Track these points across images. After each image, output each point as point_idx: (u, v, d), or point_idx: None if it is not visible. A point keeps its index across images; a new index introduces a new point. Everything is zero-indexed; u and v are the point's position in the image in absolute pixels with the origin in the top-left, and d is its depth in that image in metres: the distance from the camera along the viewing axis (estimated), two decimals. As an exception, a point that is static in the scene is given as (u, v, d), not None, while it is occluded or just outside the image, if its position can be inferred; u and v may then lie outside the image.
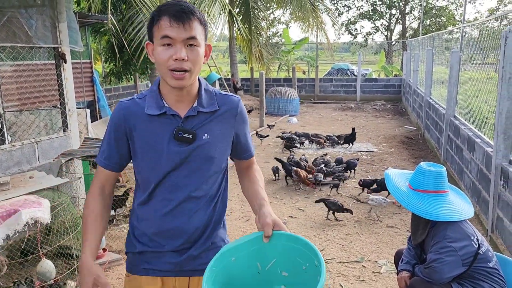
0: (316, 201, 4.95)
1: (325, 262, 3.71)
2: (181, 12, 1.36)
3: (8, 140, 4.00)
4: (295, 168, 5.80)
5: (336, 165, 6.22)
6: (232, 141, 1.58)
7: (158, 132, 1.46)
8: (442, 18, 25.83)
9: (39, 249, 2.95)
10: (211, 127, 1.50)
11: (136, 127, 1.46)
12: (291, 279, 1.36)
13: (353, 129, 8.19)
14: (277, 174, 6.16)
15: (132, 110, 1.47)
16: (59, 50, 4.36)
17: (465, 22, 11.62)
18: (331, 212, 4.68)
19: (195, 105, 1.48)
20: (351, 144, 8.20)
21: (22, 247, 3.09)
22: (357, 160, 6.35)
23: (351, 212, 4.63)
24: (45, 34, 4.30)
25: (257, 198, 1.54)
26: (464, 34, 7.58)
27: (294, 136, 8.10)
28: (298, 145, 8.06)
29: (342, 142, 8.28)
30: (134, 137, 1.47)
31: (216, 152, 1.51)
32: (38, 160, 4.14)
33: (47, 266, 3.00)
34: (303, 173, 5.70)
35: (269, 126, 9.71)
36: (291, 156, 6.58)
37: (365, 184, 5.38)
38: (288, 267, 1.35)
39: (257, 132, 8.78)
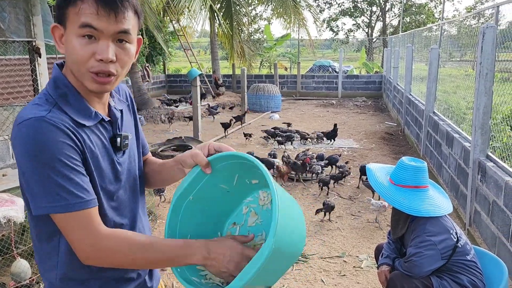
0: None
1: (307, 258, 3.75)
2: None
3: (-20, 137, 3.88)
4: (277, 163, 5.79)
5: (317, 161, 6.24)
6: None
7: (100, 144, 1.14)
8: (422, 15, 26.24)
9: (13, 249, 2.87)
10: (128, 124, 1.27)
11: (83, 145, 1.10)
12: (262, 185, 1.30)
13: (335, 125, 8.23)
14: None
15: (69, 123, 1.07)
16: (34, 44, 4.23)
17: (444, 19, 11.80)
18: (325, 212, 4.60)
19: (112, 103, 1.22)
20: (332, 140, 8.25)
21: (-5, 247, 3.00)
22: (339, 156, 6.38)
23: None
24: (18, 27, 4.18)
25: (168, 162, 1.33)
26: (443, 31, 7.69)
27: (293, 134, 8.10)
28: (296, 140, 8.19)
29: (324, 138, 8.33)
30: (88, 158, 1.10)
31: (139, 150, 1.32)
32: (12, 157, 4.02)
33: (21, 266, 2.92)
34: (283, 168, 5.69)
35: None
36: (272, 152, 6.58)
37: (324, 182, 5.30)
38: (254, 176, 1.26)
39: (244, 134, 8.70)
